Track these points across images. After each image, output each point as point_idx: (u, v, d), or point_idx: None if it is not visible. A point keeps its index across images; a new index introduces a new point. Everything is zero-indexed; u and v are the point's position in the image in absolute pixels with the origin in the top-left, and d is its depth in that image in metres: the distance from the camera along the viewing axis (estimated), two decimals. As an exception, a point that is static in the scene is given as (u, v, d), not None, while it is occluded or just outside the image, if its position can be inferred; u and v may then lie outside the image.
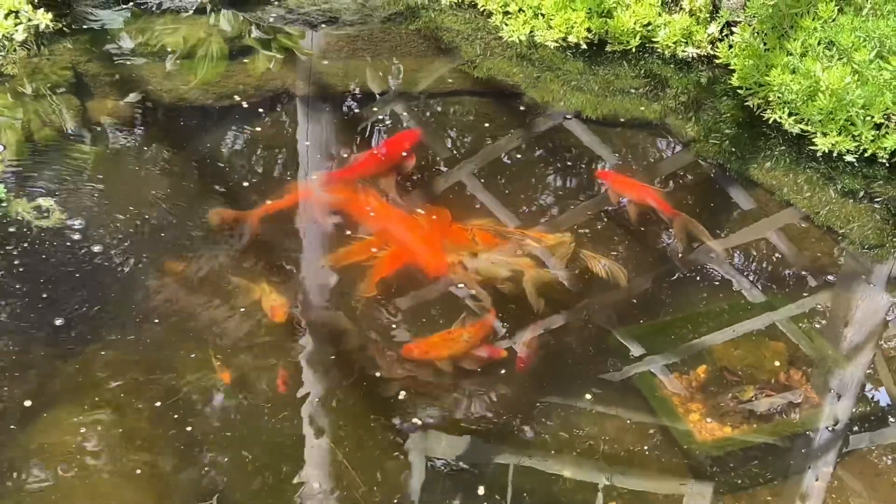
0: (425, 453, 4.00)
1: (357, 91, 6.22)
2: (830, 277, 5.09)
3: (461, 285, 4.73)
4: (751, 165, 5.74)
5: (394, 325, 4.52)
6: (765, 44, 6.17)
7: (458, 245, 4.90)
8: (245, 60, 6.32)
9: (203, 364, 4.22)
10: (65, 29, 6.35)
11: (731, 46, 6.40)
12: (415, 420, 4.12)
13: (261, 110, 5.91)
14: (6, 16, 6.14)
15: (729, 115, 6.16)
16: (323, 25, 6.83)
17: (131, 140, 5.50)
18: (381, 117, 6.01)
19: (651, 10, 6.61)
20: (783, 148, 5.84)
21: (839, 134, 5.71)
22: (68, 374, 4.12)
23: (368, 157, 5.49)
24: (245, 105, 5.89)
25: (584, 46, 6.61)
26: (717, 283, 4.98)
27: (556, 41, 6.64)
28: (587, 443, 4.10)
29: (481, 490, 3.90)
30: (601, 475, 3.99)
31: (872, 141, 5.66)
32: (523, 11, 6.79)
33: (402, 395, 4.21)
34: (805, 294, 4.95)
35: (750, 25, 6.35)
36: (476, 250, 4.86)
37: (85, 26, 6.46)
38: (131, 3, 6.76)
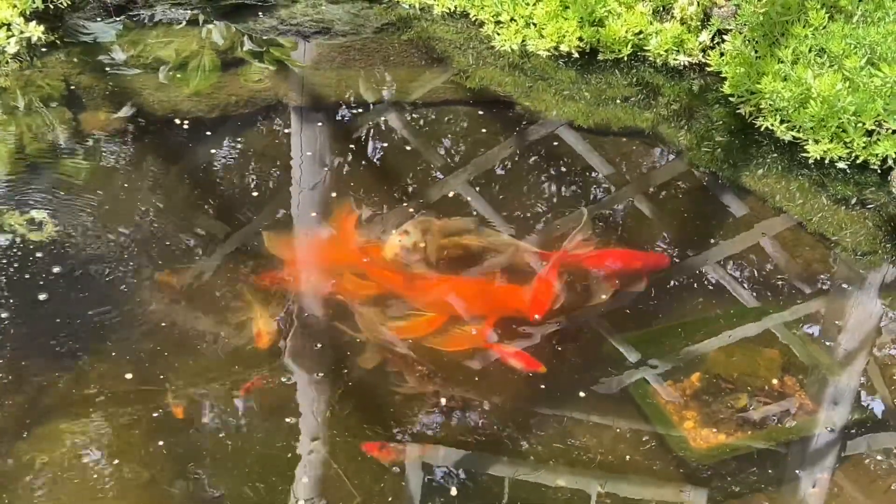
0: (421, 464, 3.99)
1: (350, 101, 6.23)
2: (824, 284, 5.09)
3: None
4: (743, 173, 5.75)
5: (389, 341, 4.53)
6: (756, 51, 6.19)
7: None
8: (238, 71, 6.32)
9: (196, 376, 4.21)
10: (57, 41, 6.35)
11: (722, 54, 6.42)
12: (410, 432, 4.12)
13: (254, 121, 5.91)
14: (-2, 28, 6.16)
15: (721, 122, 6.17)
16: (315, 36, 6.84)
17: (124, 152, 5.50)
18: (374, 127, 6.02)
19: (642, 18, 6.63)
20: (775, 155, 5.86)
21: (831, 141, 5.73)
22: (62, 386, 4.11)
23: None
24: (238, 116, 5.90)
25: (576, 55, 6.63)
26: (710, 290, 4.98)
27: (548, 50, 6.66)
28: (582, 451, 4.09)
29: (477, 501, 3.90)
30: (596, 484, 3.98)
31: (864, 148, 5.67)
32: (515, 21, 6.81)
33: (397, 406, 4.21)
34: (799, 301, 4.96)
35: (741, 33, 6.37)
36: None
37: (77, 39, 6.46)
38: (123, 16, 6.77)
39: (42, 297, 4.47)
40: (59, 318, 4.39)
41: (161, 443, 3.94)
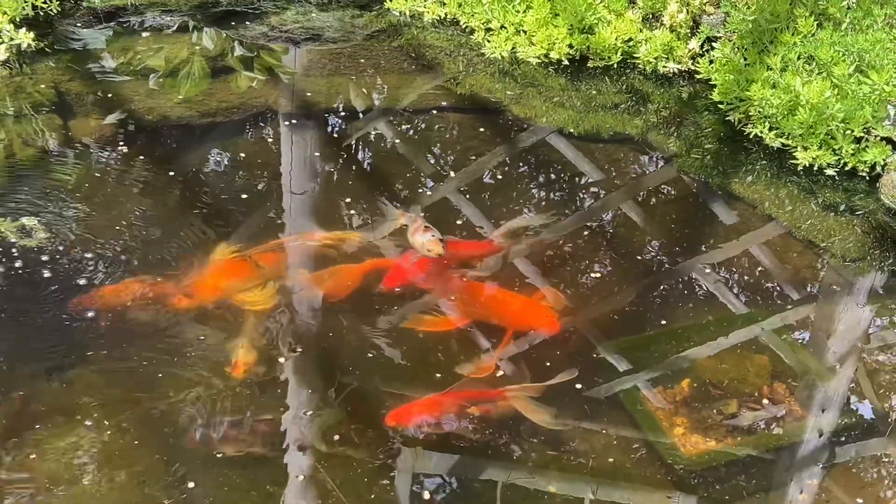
0: (412, 472, 3.99)
1: (340, 108, 6.23)
2: (813, 290, 5.11)
3: None
4: (732, 180, 5.78)
5: (381, 349, 4.53)
6: (745, 59, 6.22)
7: (241, 274, 4.81)
8: (228, 78, 6.32)
9: (189, 385, 4.21)
10: (47, 48, 6.35)
11: (711, 62, 6.44)
12: (402, 438, 4.11)
13: (244, 128, 5.91)
14: (-12, 35, 6.15)
15: (710, 129, 6.19)
16: (306, 43, 6.85)
17: (114, 159, 5.49)
18: (364, 134, 6.02)
19: (632, 26, 6.65)
20: (764, 162, 5.88)
21: (820, 148, 5.76)
22: (50, 394, 4.10)
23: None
24: (228, 123, 5.90)
25: (566, 62, 6.65)
26: (700, 296, 5.00)
27: (538, 57, 6.67)
28: (573, 458, 4.10)
29: (467, 507, 3.91)
30: (587, 490, 3.99)
31: (853, 154, 5.70)
32: (505, 28, 6.83)
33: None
34: (788, 307, 4.97)
35: (730, 41, 6.39)
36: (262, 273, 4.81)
37: (67, 45, 6.46)
38: (113, 23, 6.77)
39: (32, 303, 4.46)
40: (49, 325, 4.38)
41: (151, 454, 3.93)
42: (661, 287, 5.03)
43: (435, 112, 6.30)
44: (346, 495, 3.83)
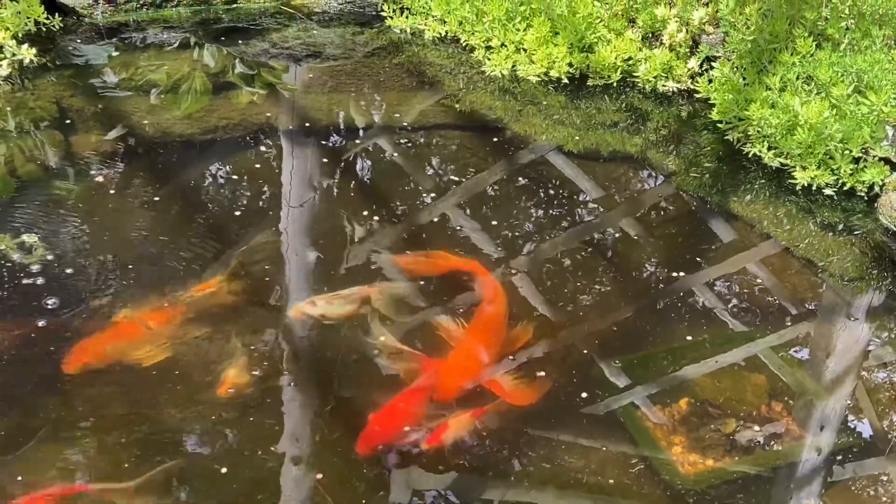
0: (408, 490, 3.99)
1: (341, 124, 6.25)
2: (811, 310, 5.12)
3: None
4: (731, 198, 5.79)
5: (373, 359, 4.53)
6: (744, 78, 6.24)
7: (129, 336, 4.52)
8: (229, 94, 6.35)
9: (185, 399, 4.21)
10: (49, 64, 6.38)
11: (710, 81, 6.47)
12: (397, 454, 4.11)
13: (245, 144, 5.93)
14: (-10, 51, 6.18)
15: (709, 148, 6.21)
16: (307, 59, 6.88)
17: (115, 174, 5.50)
18: (364, 150, 6.04)
19: (632, 45, 6.69)
20: (763, 181, 5.90)
21: (818, 167, 5.78)
22: (51, 410, 4.10)
23: None
24: (229, 139, 5.91)
25: (566, 81, 6.68)
26: (698, 315, 5.00)
27: (538, 76, 6.71)
28: (570, 475, 4.10)
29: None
30: (584, 508, 3.99)
31: (851, 174, 5.72)
32: (505, 46, 6.86)
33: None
34: (786, 326, 4.98)
35: (729, 60, 6.42)
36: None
37: (69, 61, 6.50)
38: (115, 39, 6.80)
39: (31, 320, 4.46)
40: (48, 341, 4.38)
41: (149, 466, 3.93)
42: (659, 304, 5.04)
43: (434, 129, 6.32)
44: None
